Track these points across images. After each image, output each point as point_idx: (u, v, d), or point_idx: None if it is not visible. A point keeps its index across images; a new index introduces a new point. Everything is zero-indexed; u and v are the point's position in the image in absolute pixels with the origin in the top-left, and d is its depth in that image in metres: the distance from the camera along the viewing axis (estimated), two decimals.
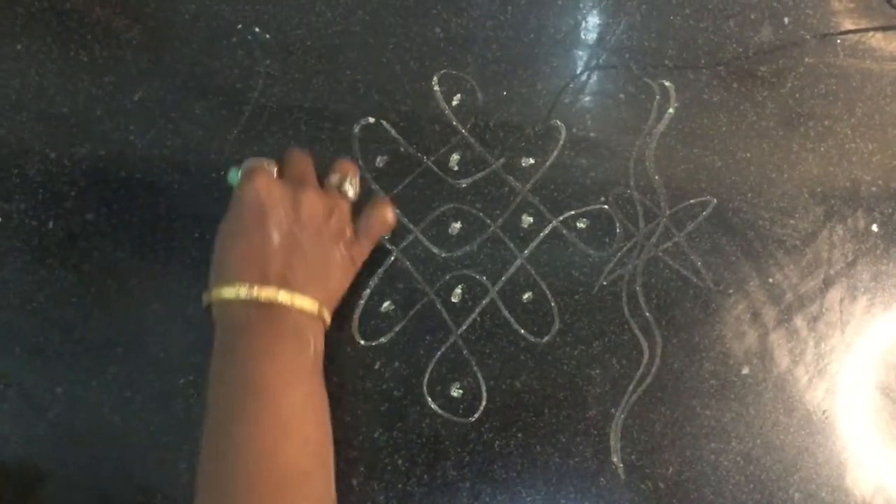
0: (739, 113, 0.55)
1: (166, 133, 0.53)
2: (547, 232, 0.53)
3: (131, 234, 0.51)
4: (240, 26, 0.54)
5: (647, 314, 0.53)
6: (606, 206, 0.54)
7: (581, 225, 0.54)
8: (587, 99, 0.55)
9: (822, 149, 0.55)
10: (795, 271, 0.54)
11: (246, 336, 0.42)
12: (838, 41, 0.56)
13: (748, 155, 0.55)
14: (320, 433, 0.43)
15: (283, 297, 0.42)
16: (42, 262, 0.51)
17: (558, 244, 0.53)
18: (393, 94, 0.54)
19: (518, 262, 0.53)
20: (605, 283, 0.53)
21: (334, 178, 0.49)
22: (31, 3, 0.53)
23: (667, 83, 0.55)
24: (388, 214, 0.49)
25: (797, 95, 0.56)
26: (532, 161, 0.54)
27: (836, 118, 0.56)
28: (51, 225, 0.51)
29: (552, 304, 0.52)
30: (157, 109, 0.53)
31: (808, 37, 0.56)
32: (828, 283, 0.54)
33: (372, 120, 0.54)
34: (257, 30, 0.54)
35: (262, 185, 0.44)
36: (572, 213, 0.54)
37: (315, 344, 0.44)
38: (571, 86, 0.55)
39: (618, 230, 0.54)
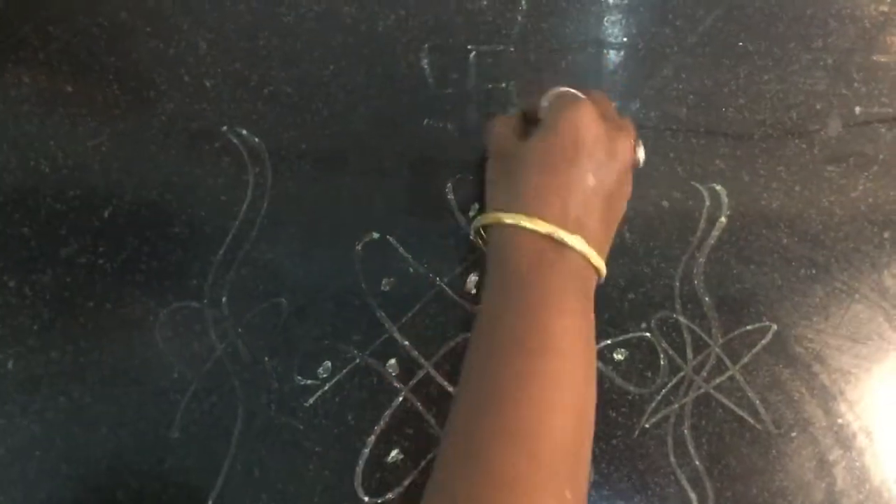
0: (802, 221, 0.48)
1: (140, 256, 0.46)
2: None
3: (101, 375, 0.45)
4: (224, 128, 0.48)
5: (697, 462, 0.46)
6: (648, 334, 0.47)
7: (619, 357, 0.47)
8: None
9: None
10: None
11: (535, 277, 0.38)
12: None
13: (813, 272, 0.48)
14: (590, 415, 0.38)
15: (581, 245, 0.38)
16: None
17: None
18: (400, 205, 0.48)
19: None
20: (647, 425, 0.46)
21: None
22: None
23: (717, 187, 0.48)
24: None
25: (870, 200, 0.48)
26: None
27: None
28: (10, 366, 0.45)
29: None
30: (129, 228, 0.46)
31: (882, 130, 0.49)
32: None
33: (376, 235, 0.48)
34: (244, 132, 0.48)
35: (586, 117, 0.40)
36: (609, 342, 0.47)
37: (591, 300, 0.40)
38: None
39: (662, 362, 0.47)
